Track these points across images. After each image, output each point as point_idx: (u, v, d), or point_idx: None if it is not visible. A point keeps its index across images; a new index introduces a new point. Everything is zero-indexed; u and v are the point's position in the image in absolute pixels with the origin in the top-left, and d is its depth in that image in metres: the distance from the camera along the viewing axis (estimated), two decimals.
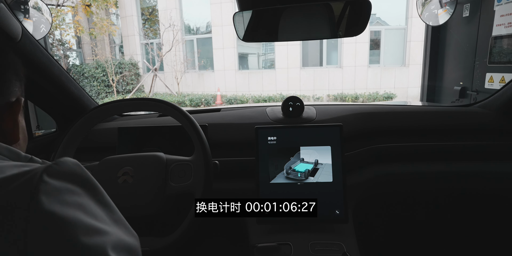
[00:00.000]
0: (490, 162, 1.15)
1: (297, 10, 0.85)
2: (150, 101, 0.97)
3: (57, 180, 0.34)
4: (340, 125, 1.02)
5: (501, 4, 2.15)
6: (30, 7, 1.27)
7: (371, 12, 0.81)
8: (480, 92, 2.41)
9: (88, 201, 0.36)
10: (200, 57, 10.12)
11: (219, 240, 1.32)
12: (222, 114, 1.27)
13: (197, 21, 10.56)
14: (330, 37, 0.94)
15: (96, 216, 0.35)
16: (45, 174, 0.33)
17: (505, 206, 1.25)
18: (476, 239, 1.30)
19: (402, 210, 1.29)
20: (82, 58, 11.87)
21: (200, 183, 0.86)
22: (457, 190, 1.19)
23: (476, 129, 1.19)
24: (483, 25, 2.36)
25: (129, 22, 10.58)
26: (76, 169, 0.37)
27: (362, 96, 8.35)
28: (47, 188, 0.33)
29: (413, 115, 1.22)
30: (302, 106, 1.17)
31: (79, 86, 1.19)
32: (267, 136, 1.03)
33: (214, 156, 0.94)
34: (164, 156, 0.92)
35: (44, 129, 1.38)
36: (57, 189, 0.34)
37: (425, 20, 2.70)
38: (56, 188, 0.34)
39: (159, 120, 1.26)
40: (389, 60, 9.04)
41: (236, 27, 0.88)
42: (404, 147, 1.15)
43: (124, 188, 0.86)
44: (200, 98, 8.73)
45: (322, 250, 0.92)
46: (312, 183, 0.99)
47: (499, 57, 2.21)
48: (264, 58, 10.14)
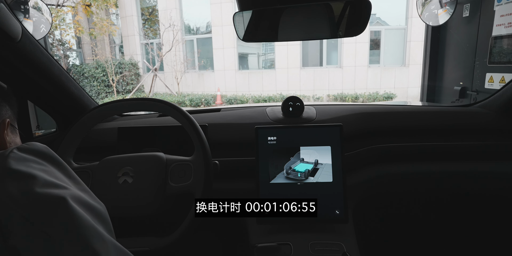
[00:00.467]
0: (490, 162, 1.15)
1: (297, 10, 0.85)
2: (150, 101, 0.97)
3: (25, 153, 0.44)
4: (340, 125, 1.02)
5: (501, 4, 2.15)
6: (30, 7, 1.27)
7: (371, 12, 0.81)
8: (480, 92, 2.41)
9: (53, 169, 0.45)
10: (200, 57, 10.12)
11: (219, 240, 1.32)
12: (222, 114, 1.27)
13: (197, 21, 10.56)
14: (330, 37, 0.93)
15: (58, 178, 0.44)
16: (15, 149, 0.44)
17: (505, 206, 1.25)
18: (476, 239, 1.30)
19: (402, 210, 1.29)
20: (82, 58, 11.87)
21: (200, 183, 0.86)
22: (457, 190, 1.19)
23: (476, 129, 1.19)
24: (483, 25, 2.36)
25: (129, 22, 10.58)
26: (44, 149, 0.47)
27: (362, 96, 8.35)
28: (16, 156, 0.43)
29: (413, 115, 1.22)
30: (302, 106, 1.17)
31: (79, 86, 1.19)
32: (267, 136, 1.03)
33: (214, 156, 0.94)
34: (164, 156, 0.92)
35: (44, 129, 1.38)
36: (25, 158, 0.43)
37: (425, 20, 2.70)
38: (24, 158, 0.43)
39: (159, 120, 1.26)
40: (389, 60, 9.04)
41: (236, 27, 0.88)
42: (404, 147, 1.15)
43: (124, 188, 0.86)
44: (200, 98, 8.73)
45: (322, 250, 0.92)
46: (312, 183, 0.99)
47: (499, 57, 2.21)
48: (264, 58, 10.14)
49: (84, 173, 0.91)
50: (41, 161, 0.45)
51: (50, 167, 0.45)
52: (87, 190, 0.48)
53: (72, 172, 0.48)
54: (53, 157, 0.47)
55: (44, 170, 0.44)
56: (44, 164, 0.45)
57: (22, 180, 0.41)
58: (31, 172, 0.42)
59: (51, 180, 0.43)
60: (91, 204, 0.45)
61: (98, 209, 0.45)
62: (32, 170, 0.42)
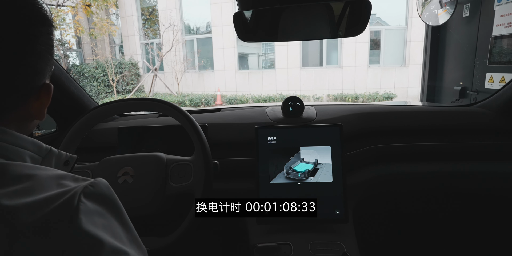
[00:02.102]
0: (490, 162, 1.15)
1: (297, 10, 0.85)
2: (150, 101, 0.97)
3: (92, 202, 0.36)
4: (340, 125, 1.02)
5: (501, 4, 2.15)
6: None
7: (371, 12, 0.81)
8: (480, 92, 2.41)
9: (114, 223, 0.38)
10: (200, 57, 10.12)
11: (219, 240, 1.32)
12: (222, 114, 1.27)
13: (197, 21, 10.56)
14: (330, 37, 0.94)
15: (118, 236, 0.37)
16: (82, 196, 0.36)
17: (505, 206, 1.25)
18: (476, 239, 1.30)
19: (402, 210, 1.29)
20: (82, 58, 11.87)
21: (200, 183, 0.86)
22: (458, 190, 1.19)
23: (476, 129, 1.19)
24: (483, 25, 2.36)
25: (129, 22, 10.58)
26: (108, 192, 0.40)
27: (362, 96, 8.35)
28: (85, 209, 0.35)
29: (413, 115, 1.22)
30: (302, 106, 1.17)
31: (79, 86, 1.19)
32: (267, 136, 1.03)
33: (214, 156, 0.94)
34: (164, 156, 0.92)
35: (44, 129, 1.38)
36: (91, 211, 0.36)
37: (425, 20, 2.70)
38: (90, 210, 0.36)
39: (159, 120, 1.26)
40: (389, 60, 9.04)
41: (236, 27, 0.88)
42: (404, 147, 1.15)
43: (124, 188, 0.86)
44: (200, 98, 8.73)
45: (322, 250, 0.92)
46: (312, 183, 0.99)
47: (499, 57, 2.21)
48: (264, 58, 10.14)
49: (84, 173, 0.91)
50: (103, 212, 0.37)
51: (111, 219, 0.38)
52: (136, 238, 0.42)
53: (126, 217, 0.42)
54: (115, 203, 0.41)
55: (108, 227, 0.37)
56: (106, 217, 0.38)
57: (90, 245, 0.33)
58: (99, 235, 0.34)
59: (116, 245, 0.36)
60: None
61: None
62: (99, 232, 0.34)
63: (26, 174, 0.37)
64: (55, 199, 0.34)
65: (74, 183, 0.38)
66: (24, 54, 0.39)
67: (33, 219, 0.32)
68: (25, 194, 0.34)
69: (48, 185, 0.36)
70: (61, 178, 0.38)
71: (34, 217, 0.32)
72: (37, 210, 0.33)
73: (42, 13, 0.40)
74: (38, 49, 0.40)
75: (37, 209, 0.33)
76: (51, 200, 0.34)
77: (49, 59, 0.44)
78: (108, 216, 0.38)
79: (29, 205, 0.33)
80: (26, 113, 0.43)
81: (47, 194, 0.35)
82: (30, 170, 0.38)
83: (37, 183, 0.36)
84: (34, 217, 0.32)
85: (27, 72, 0.40)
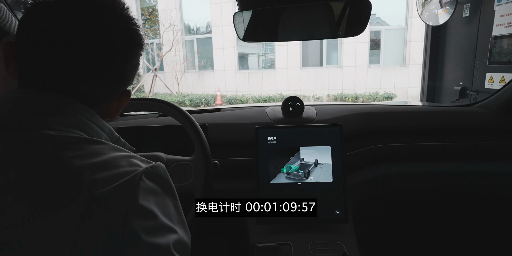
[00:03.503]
0: (490, 162, 1.15)
1: (297, 10, 0.85)
2: (150, 101, 0.97)
3: (152, 182, 0.42)
4: (340, 125, 1.02)
5: (501, 4, 2.15)
6: None
7: (371, 12, 0.81)
8: (480, 92, 2.41)
9: (168, 202, 0.44)
10: (200, 57, 10.12)
11: (219, 240, 1.32)
12: (222, 114, 1.27)
13: (197, 21, 10.58)
14: (330, 37, 0.94)
15: (169, 215, 0.43)
16: (143, 175, 0.41)
17: (505, 206, 1.25)
18: (476, 239, 1.30)
19: (402, 210, 1.29)
20: None
21: (200, 183, 0.86)
22: (457, 190, 1.19)
23: (476, 129, 1.19)
24: (483, 25, 2.36)
25: None
26: (165, 175, 0.45)
27: (362, 96, 8.35)
28: (145, 186, 0.41)
29: (413, 115, 1.22)
30: (302, 106, 1.17)
31: None
32: (267, 136, 1.03)
33: (214, 156, 0.94)
34: (164, 156, 0.92)
35: None
36: (149, 189, 0.41)
37: (425, 20, 2.70)
38: (149, 189, 0.41)
39: (159, 120, 1.26)
40: (389, 60, 9.04)
41: (236, 27, 0.88)
42: (404, 147, 1.15)
43: None
44: (200, 98, 8.73)
45: (322, 250, 0.92)
46: (312, 183, 0.99)
47: (499, 57, 2.20)
48: (264, 58, 10.14)
49: None
50: (159, 191, 0.43)
51: (165, 199, 0.44)
52: (183, 221, 0.46)
53: (177, 200, 0.47)
54: (170, 186, 0.46)
55: (161, 205, 0.42)
56: (162, 196, 0.43)
57: (145, 218, 0.39)
58: (153, 209, 0.40)
59: (166, 222, 0.41)
60: (184, 243, 0.44)
61: (186, 246, 0.45)
62: (153, 207, 0.40)
63: (105, 151, 0.43)
64: (123, 175, 0.40)
65: (142, 163, 0.44)
66: (127, 66, 0.49)
67: (106, 189, 0.38)
68: (103, 168, 0.40)
69: (121, 163, 0.42)
70: (132, 157, 0.44)
71: (108, 188, 0.38)
72: (110, 182, 0.38)
73: (143, 40, 0.51)
74: (134, 63, 0.50)
75: (110, 182, 0.39)
76: (122, 176, 0.40)
77: (137, 71, 0.54)
78: (162, 196, 0.43)
79: (106, 178, 0.39)
80: (106, 109, 0.52)
81: (120, 170, 0.41)
82: (109, 148, 0.44)
83: (113, 160, 0.42)
84: (107, 188, 0.38)
85: (123, 79, 0.50)
